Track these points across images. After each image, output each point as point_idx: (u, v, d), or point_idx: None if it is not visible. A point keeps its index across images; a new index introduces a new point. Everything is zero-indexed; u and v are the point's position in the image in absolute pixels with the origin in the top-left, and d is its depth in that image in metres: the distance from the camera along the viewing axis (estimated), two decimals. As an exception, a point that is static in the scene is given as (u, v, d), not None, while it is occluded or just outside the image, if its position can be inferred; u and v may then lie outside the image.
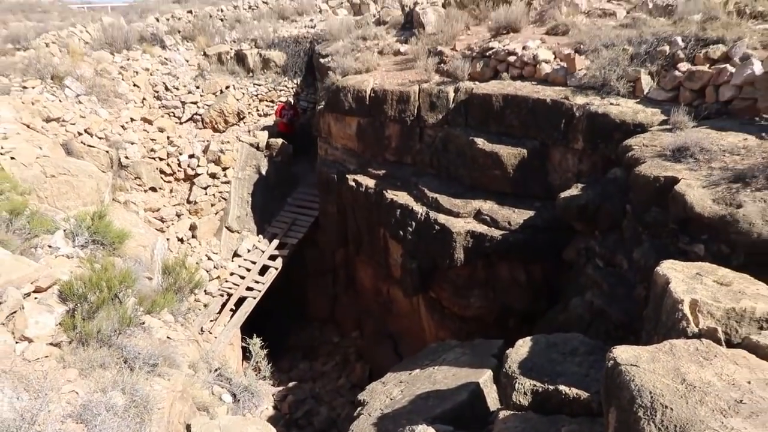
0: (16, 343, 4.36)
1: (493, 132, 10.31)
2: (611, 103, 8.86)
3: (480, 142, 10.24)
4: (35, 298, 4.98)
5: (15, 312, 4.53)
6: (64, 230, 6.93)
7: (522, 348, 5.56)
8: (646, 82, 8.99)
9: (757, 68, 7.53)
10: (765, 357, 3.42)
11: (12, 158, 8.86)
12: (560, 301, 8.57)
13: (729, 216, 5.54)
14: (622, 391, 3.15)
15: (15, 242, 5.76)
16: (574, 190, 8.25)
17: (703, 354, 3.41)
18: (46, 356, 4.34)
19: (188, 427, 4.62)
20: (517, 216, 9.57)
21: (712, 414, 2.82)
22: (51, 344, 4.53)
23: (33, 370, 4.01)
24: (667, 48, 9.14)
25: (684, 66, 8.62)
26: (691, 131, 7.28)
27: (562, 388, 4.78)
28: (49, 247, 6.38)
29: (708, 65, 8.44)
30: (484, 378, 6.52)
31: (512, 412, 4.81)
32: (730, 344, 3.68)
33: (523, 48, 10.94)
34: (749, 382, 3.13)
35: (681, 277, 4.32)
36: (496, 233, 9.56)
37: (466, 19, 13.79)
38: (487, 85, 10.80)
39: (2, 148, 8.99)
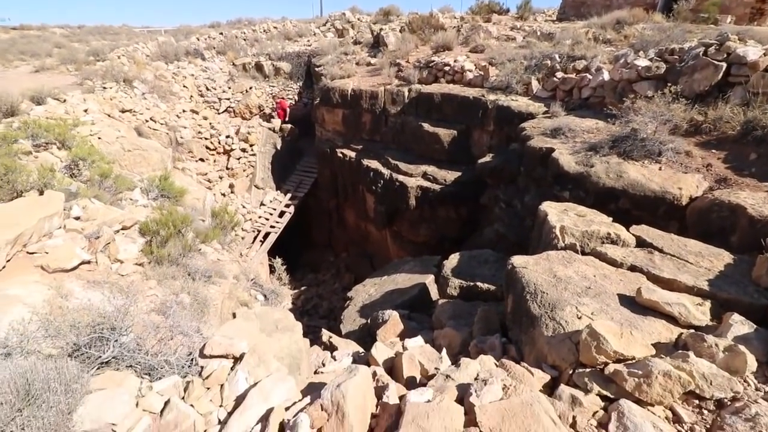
0: (112, 263, 4.19)
1: (434, 119, 10.10)
2: (512, 99, 8.76)
3: (426, 125, 10.04)
4: (122, 233, 4.76)
5: (109, 243, 4.32)
6: (140, 188, 6.57)
7: (453, 260, 5.67)
8: (535, 85, 8.90)
9: (606, 76, 7.53)
10: (605, 260, 3.57)
11: (99, 138, 8.23)
12: (478, 230, 8.75)
13: (585, 173, 5.65)
14: (517, 283, 3.25)
15: (106, 196, 5.43)
16: (487, 158, 8.24)
17: (567, 259, 3.53)
18: (133, 272, 4.19)
19: (234, 315, 4.59)
20: (450, 175, 9.54)
21: (572, 296, 2.95)
22: (136, 264, 4.37)
23: (124, 281, 3.87)
24: (548, 62, 9.00)
25: (559, 74, 8.55)
26: (563, 118, 7.29)
27: (479, 283, 4.93)
28: (130, 199, 6.05)
29: (575, 74, 8.38)
30: (429, 280, 6.67)
31: (446, 300, 4.96)
32: (584, 253, 3.81)
33: (454, 61, 10.62)
34: (594, 276, 3.27)
35: (554, 212, 4.42)
36: (437, 187, 9.55)
37: (416, 41, 13.27)
38: (430, 86, 10.50)
39: (91, 131, 8.33)
